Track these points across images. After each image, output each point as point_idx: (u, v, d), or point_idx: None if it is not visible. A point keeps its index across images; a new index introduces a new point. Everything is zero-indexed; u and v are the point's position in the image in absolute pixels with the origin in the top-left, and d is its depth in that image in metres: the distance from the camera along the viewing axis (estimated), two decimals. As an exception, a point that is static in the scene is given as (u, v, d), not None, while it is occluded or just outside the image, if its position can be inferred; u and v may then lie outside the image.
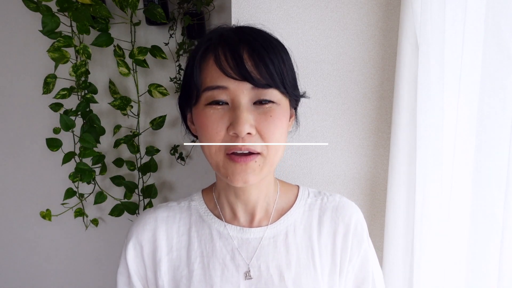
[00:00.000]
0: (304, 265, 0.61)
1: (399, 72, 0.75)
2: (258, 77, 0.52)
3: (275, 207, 0.64)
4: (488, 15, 0.67)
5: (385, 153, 0.85)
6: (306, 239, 0.63)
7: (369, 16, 0.82)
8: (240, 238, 0.62)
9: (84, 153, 1.18)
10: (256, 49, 0.53)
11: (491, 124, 0.69)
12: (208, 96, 0.54)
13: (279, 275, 0.60)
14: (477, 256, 0.73)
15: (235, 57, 0.52)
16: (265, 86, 0.53)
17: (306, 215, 0.64)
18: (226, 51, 0.53)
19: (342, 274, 0.63)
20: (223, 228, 0.62)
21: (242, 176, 0.54)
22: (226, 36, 0.55)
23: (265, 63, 0.52)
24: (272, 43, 0.55)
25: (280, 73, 0.54)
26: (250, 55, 0.52)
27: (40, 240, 1.42)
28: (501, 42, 0.66)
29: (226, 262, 0.60)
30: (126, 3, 1.04)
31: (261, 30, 0.58)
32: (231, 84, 0.52)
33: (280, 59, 0.55)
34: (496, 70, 0.67)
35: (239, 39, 0.54)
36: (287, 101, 0.57)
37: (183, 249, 0.62)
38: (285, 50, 0.58)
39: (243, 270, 0.60)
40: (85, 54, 1.10)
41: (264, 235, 0.62)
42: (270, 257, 0.61)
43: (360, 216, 0.65)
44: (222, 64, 0.52)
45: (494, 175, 0.69)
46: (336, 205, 0.65)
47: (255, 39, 0.54)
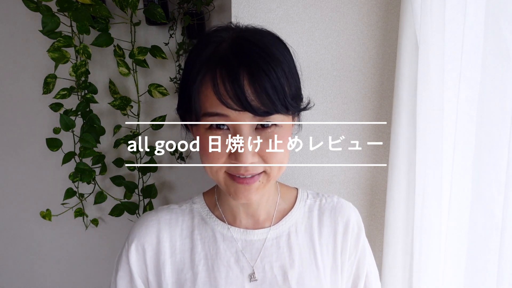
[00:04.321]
0: (307, 264, 0.62)
1: (399, 72, 0.75)
2: (258, 105, 0.49)
3: (277, 209, 0.65)
4: (488, 15, 0.67)
5: (385, 153, 0.85)
6: (307, 239, 0.63)
7: (369, 16, 0.82)
8: (244, 240, 0.62)
9: (84, 153, 1.18)
10: (255, 73, 0.49)
11: (491, 124, 0.69)
12: (208, 120, 0.52)
13: (283, 275, 0.60)
14: (476, 256, 0.73)
15: (234, 86, 0.49)
16: (266, 114, 0.50)
17: (307, 216, 0.65)
18: (225, 79, 0.49)
19: (344, 272, 0.65)
20: (227, 231, 0.62)
21: (245, 195, 0.54)
22: (225, 59, 0.50)
23: (265, 90, 0.49)
24: (274, 57, 0.51)
25: (282, 96, 0.51)
26: (250, 82, 0.49)
27: (40, 240, 1.42)
28: (501, 42, 0.66)
29: (231, 265, 0.60)
30: (126, 3, 1.04)
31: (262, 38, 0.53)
32: (232, 113, 0.50)
33: (282, 75, 0.51)
34: (495, 69, 0.67)
35: (238, 62, 0.49)
36: (289, 118, 0.56)
37: (187, 251, 0.62)
38: (289, 57, 0.55)
39: (248, 272, 0.60)
40: (85, 54, 1.10)
41: (267, 236, 0.62)
42: (274, 257, 0.61)
43: (357, 215, 0.67)
44: (221, 94, 0.49)
45: (493, 175, 0.69)
46: (335, 205, 0.66)
47: (254, 60, 0.50)
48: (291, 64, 0.55)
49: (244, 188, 0.53)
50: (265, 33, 0.55)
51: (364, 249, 0.67)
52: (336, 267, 0.64)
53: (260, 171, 0.53)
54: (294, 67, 0.55)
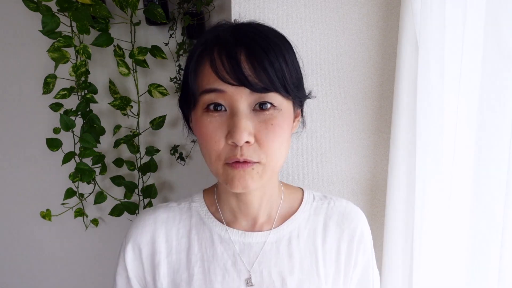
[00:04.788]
0: (307, 271, 0.60)
1: (399, 72, 0.75)
2: (256, 81, 0.49)
3: (279, 212, 0.62)
4: (488, 15, 0.67)
5: (385, 153, 0.85)
6: (310, 245, 0.61)
7: (369, 16, 0.82)
8: (242, 242, 0.60)
9: (84, 153, 1.18)
10: (254, 51, 0.49)
11: (491, 124, 0.69)
12: (206, 100, 0.51)
13: (281, 281, 0.58)
14: (477, 256, 0.73)
15: (231, 61, 0.49)
16: (264, 90, 0.50)
17: (312, 219, 0.63)
18: (222, 54, 0.50)
19: (347, 281, 0.62)
20: (224, 232, 0.61)
21: (241, 182, 0.52)
22: (222, 37, 0.52)
23: (263, 66, 0.49)
24: (273, 41, 0.52)
25: (281, 75, 0.51)
26: (248, 58, 0.49)
27: (40, 239, 1.42)
28: (501, 41, 0.66)
29: (227, 267, 0.59)
30: (126, 3, 1.04)
31: (262, 28, 0.54)
32: (229, 88, 0.50)
33: (282, 59, 0.51)
34: (495, 69, 0.67)
35: (236, 41, 0.50)
36: (290, 103, 0.54)
37: (183, 252, 0.61)
38: (289, 48, 0.55)
39: (245, 276, 0.58)
40: (85, 54, 1.10)
41: (266, 239, 0.60)
42: (272, 262, 0.59)
43: (366, 223, 0.65)
44: (217, 69, 0.49)
45: (494, 175, 0.69)
46: (343, 210, 0.64)
47: (253, 39, 0.51)
48: (292, 55, 0.55)
49: (240, 175, 0.52)
50: (267, 26, 0.56)
51: (370, 259, 0.64)
52: (339, 274, 0.61)
53: (255, 160, 0.52)
54: (295, 59, 0.55)
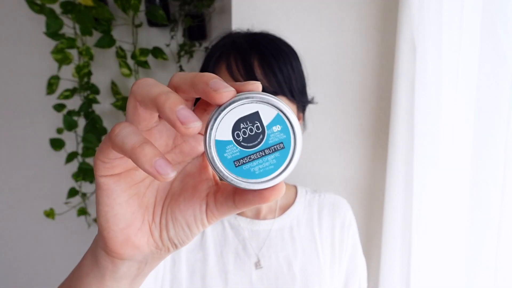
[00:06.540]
0: (309, 255, 0.66)
1: (397, 73, 0.76)
2: (266, 85, 0.56)
3: (279, 204, 0.70)
4: (484, 16, 0.67)
5: (383, 153, 0.86)
6: (308, 232, 0.68)
7: (367, 18, 0.83)
8: (250, 229, 0.66)
9: (87, 153, 1.19)
10: (266, 57, 0.56)
11: (488, 125, 0.69)
12: None
13: (287, 264, 0.65)
14: (474, 255, 0.74)
15: (245, 65, 0.56)
16: (273, 93, 0.56)
17: (307, 210, 0.70)
18: (238, 59, 0.56)
19: (341, 264, 0.70)
20: (234, 219, 0.66)
21: None
22: (238, 43, 0.59)
23: (273, 71, 0.56)
24: (283, 51, 0.59)
25: (288, 81, 0.57)
26: (260, 64, 0.56)
27: (44, 238, 1.44)
28: (497, 42, 0.66)
29: (239, 251, 0.64)
30: (128, 5, 1.06)
31: (273, 37, 0.61)
32: None
33: (290, 67, 0.58)
34: (492, 70, 0.68)
35: (251, 47, 0.57)
36: (294, 107, 0.61)
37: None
38: (296, 57, 0.62)
39: (253, 260, 0.64)
40: (88, 55, 1.11)
41: (272, 227, 0.67)
42: (278, 247, 0.66)
43: (351, 212, 0.74)
44: (233, 72, 0.56)
45: (491, 175, 0.70)
46: (333, 201, 0.72)
47: (265, 47, 0.57)
48: (298, 64, 0.62)
49: None
50: (277, 36, 0.63)
51: (356, 244, 0.74)
52: (334, 258, 0.69)
53: None
54: (300, 68, 0.63)
